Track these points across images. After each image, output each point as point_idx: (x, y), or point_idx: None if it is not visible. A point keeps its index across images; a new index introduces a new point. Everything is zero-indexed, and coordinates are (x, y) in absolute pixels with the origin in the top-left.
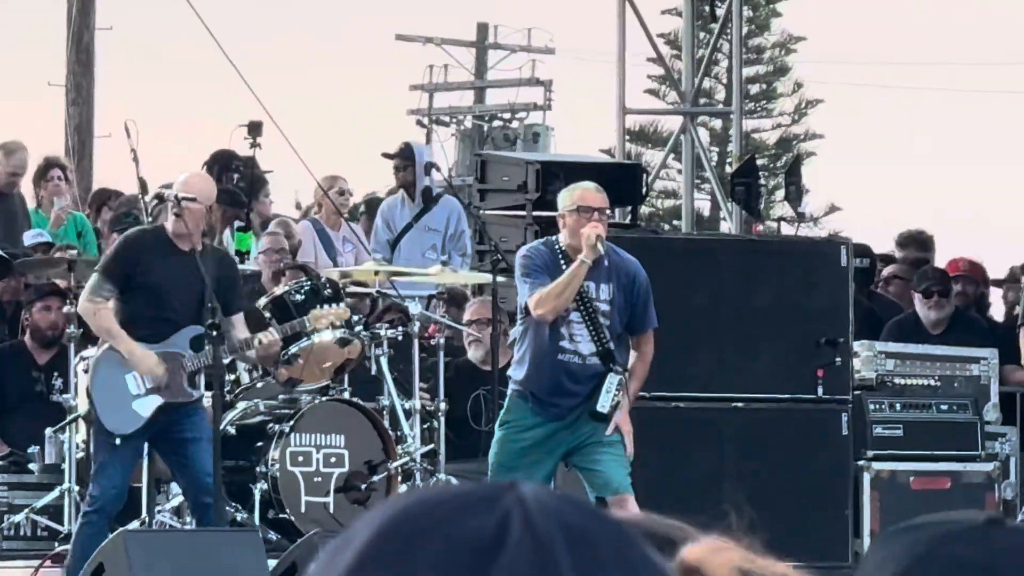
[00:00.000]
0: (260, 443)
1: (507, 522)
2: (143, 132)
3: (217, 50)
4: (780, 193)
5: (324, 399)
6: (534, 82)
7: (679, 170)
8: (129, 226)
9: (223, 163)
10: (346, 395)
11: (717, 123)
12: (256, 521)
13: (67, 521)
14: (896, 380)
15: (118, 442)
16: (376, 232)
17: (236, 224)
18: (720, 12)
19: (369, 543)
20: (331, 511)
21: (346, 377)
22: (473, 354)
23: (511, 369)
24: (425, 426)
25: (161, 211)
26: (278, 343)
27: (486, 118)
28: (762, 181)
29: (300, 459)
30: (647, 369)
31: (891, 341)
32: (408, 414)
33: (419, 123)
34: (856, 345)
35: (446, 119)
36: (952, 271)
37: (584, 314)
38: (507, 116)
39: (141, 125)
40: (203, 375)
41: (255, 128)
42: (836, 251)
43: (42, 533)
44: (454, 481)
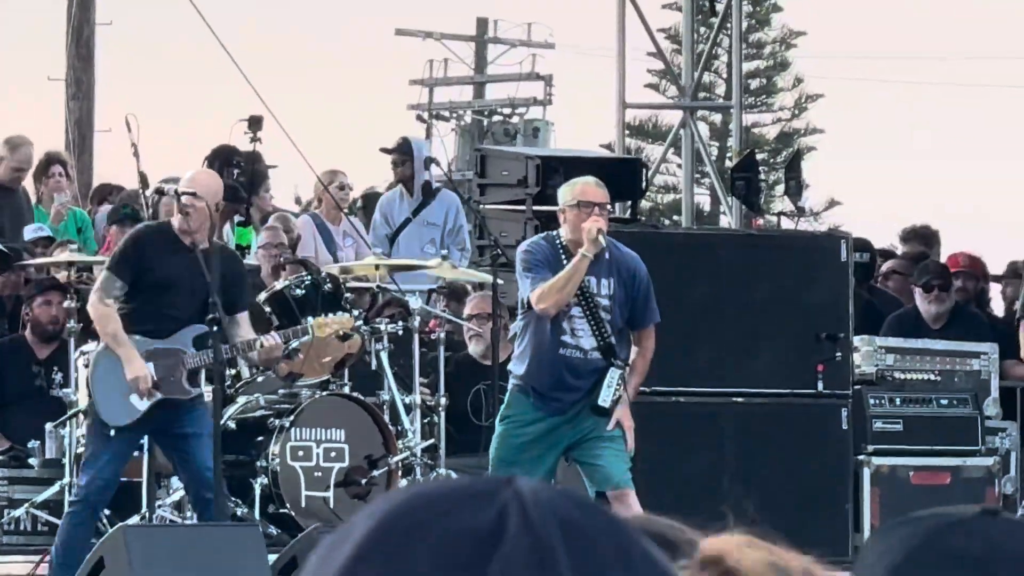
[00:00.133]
0: (260, 438)
1: (505, 517)
2: (143, 128)
3: (217, 46)
4: (780, 188)
5: (324, 394)
6: (534, 77)
7: (679, 165)
8: (126, 219)
9: (224, 158)
10: (346, 390)
11: (717, 118)
12: (256, 516)
13: None
14: (896, 375)
15: (112, 433)
16: (374, 227)
17: (236, 219)
18: (720, 7)
19: (367, 537)
20: (331, 506)
21: (346, 372)
22: (474, 349)
23: (512, 364)
24: (425, 421)
25: (161, 205)
26: (280, 347)
27: (486, 113)
28: (762, 176)
29: (300, 454)
30: (648, 364)
31: (891, 336)
32: (408, 409)
33: (419, 118)
34: (856, 340)
35: (446, 114)
36: (952, 266)
37: (585, 309)
38: (507, 111)
39: (141, 121)
40: (203, 372)
41: (255, 123)
42: (836, 246)
43: (42, 528)
44: (454, 476)
